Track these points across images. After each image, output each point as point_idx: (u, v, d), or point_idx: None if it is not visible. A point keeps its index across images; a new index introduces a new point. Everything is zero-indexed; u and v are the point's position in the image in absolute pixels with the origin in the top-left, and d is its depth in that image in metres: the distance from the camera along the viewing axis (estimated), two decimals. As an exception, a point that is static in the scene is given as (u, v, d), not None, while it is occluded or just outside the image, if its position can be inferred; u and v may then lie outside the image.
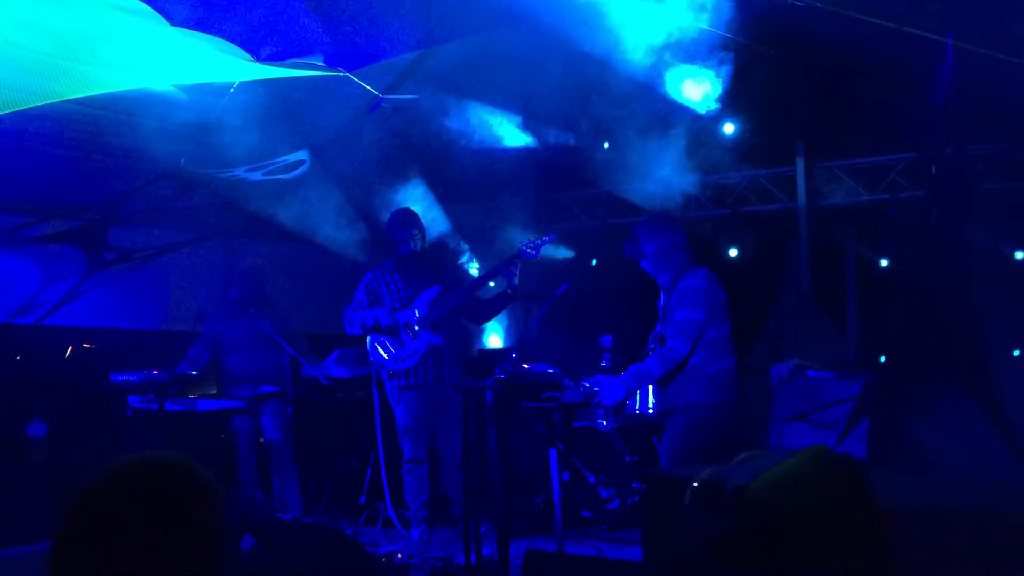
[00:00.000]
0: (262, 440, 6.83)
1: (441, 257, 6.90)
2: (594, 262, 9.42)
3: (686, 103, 6.63)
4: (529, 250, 6.12)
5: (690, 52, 6.24)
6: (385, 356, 6.24)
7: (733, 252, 8.92)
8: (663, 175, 7.51)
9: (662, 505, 3.54)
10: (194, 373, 6.60)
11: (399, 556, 5.88)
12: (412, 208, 6.71)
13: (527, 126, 7.78)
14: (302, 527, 5.99)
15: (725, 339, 4.91)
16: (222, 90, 6.11)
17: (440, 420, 6.29)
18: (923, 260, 6.48)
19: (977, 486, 3.76)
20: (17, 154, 6.50)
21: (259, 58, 5.48)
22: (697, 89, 6.53)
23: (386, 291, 6.31)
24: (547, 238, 6.24)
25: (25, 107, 5.54)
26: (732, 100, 6.58)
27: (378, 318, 6.22)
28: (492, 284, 6.41)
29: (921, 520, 2.93)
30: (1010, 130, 6.73)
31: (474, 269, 8.69)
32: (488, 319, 6.87)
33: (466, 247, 8.82)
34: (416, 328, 6.22)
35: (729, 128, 7.59)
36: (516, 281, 6.18)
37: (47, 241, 7.56)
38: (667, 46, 6.06)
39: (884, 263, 8.50)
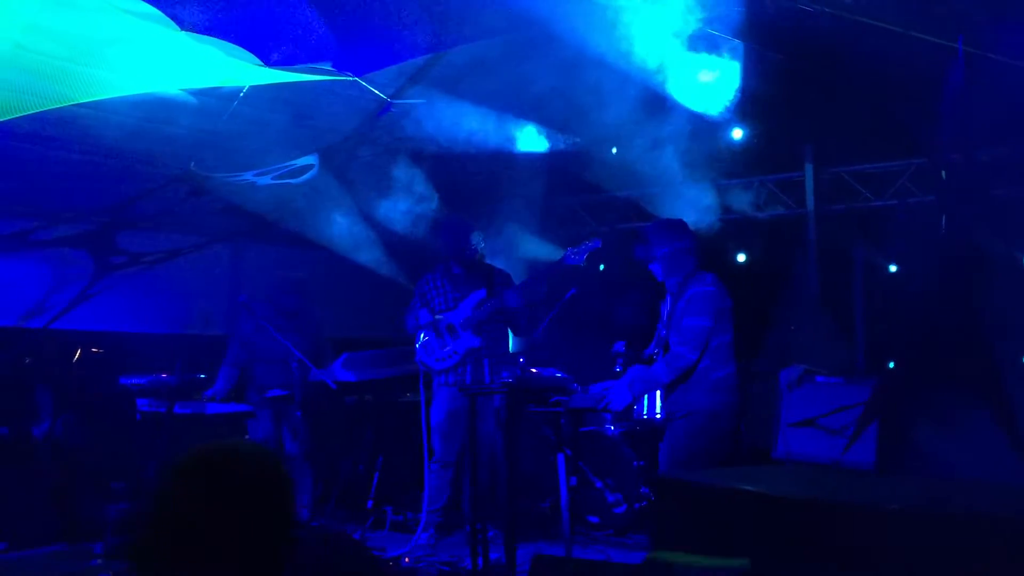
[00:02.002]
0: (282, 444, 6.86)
1: (492, 263, 6.86)
2: (602, 267, 9.41)
3: (695, 108, 6.63)
4: (573, 256, 6.03)
5: (699, 57, 6.24)
6: (427, 355, 6.34)
7: (741, 257, 8.91)
8: (671, 180, 7.51)
9: (670, 509, 3.53)
10: (202, 376, 6.62)
11: (406, 560, 5.89)
12: (458, 215, 6.77)
13: (535, 131, 7.77)
14: (309, 531, 5.99)
15: (728, 345, 4.90)
16: (231, 94, 6.13)
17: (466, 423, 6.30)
18: (932, 266, 6.45)
19: (985, 491, 3.74)
20: (27, 158, 6.54)
21: (268, 62, 5.50)
22: (705, 94, 6.53)
23: (434, 293, 6.46)
24: (593, 243, 6.03)
25: (35, 111, 5.57)
26: (740, 105, 6.57)
27: (419, 317, 6.34)
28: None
29: (929, 524, 2.92)
30: (1020, 135, 6.70)
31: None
32: (526, 332, 6.73)
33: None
34: (458, 330, 6.27)
35: (737, 133, 7.58)
36: (543, 294, 6.17)
37: (56, 245, 7.60)
38: (676, 51, 6.07)
39: (893, 268, 8.47)
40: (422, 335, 6.41)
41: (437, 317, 6.36)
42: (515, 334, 6.87)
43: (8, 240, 7.31)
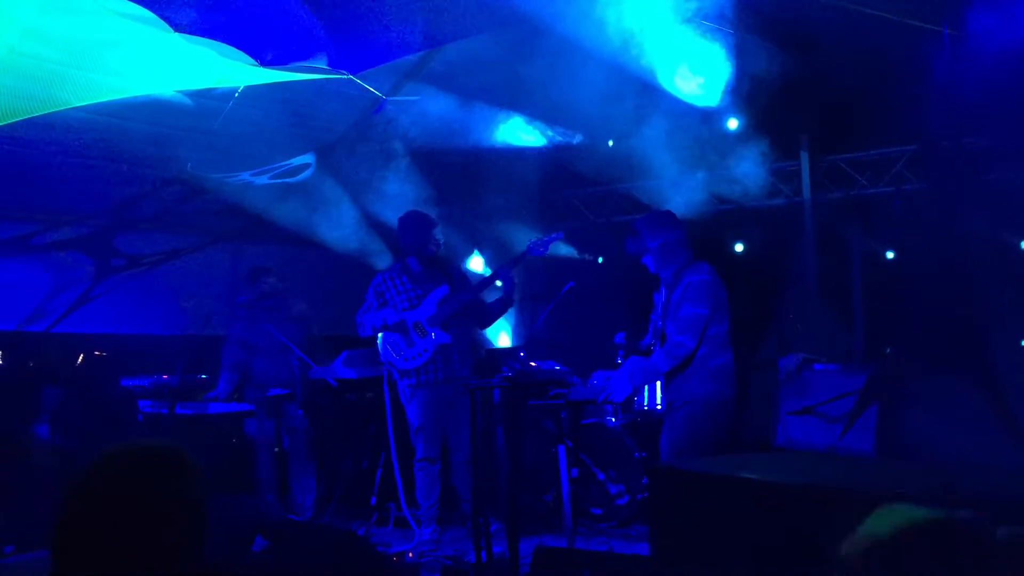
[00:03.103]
0: (281, 443, 6.88)
1: (449, 258, 6.90)
2: (600, 260, 9.44)
3: (690, 99, 6.65)
4: (537, 247, 6.16)
5: (693, 48, 6.26)
6: (395, 355, 6.28)
7: (739, 247, 8.92)
8: (668, 171, 7.53)
9: (667, 497, 3.55)
10: (203, 377, 6.64)
11: (410, 555, 5.91)
12: (418, 210, 6.74)
13: (531, 125, 7.80)
14: (314, 528, 6.02)
15: (725, 334, 4.93)
16: (227, 95, 6.15)
17: (451, 418, 6.32)
18: (928, 252, 6.47)
19: (985, 475, 3.77)
20: (25, 162, 6.56)
21: (263, 62, 5.52)
22: (701, 84, 6.55)
23: (394, 292, 6.35)
24: (555, 235, 6.26)
25: (32, 115, 5.60)
26: (736, 95, 6.59)
27: (385, 318, 6.27)
28: (499, 284, 6.42)
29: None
30: (1010, 120, 6.71)
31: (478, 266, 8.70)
32: (492, 322, 6.83)
33: (473, 247, 8.84)
34: (425, 327, 6.25)
35: (733, 123, 7.59)
36: (514, 284, 6.20)
37: (56, 248, 7.62)
38: (670, 42, 6.09)
39: (890, 255, 8.49)
40: (380, 335, 6.38)
41: (403, 316, 6.32)
42: (481, 327, 6.90)
43: (8, 244, 7.34)
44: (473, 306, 6.39)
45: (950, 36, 5.23)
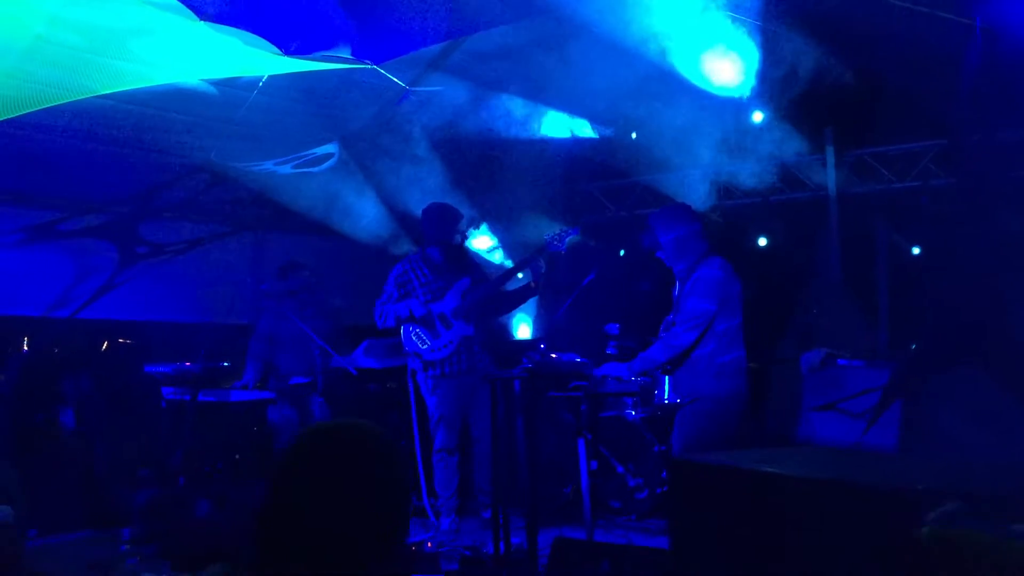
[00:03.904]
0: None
1: (468, 249, 6.93)
2: (622, 252, 9.41)
3: (715, 91, 6.60)
4: (554, 243, 6.19)
5: (719, 40, 6.21)
6: (421, 346, 6.32)
7: (763, 241, 8.87)
8: (691, 164, 7.48)
9: (688, 490, 3.54)
10: (226, 364, 6.68)
11: (429, 545, 5.92)
12: (444, 201, 6.76)
13: (554, 117, 7.77)
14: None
15: (736, 330, 4.89)
16: (251, 84, 6.16)
17: (472, 409, 6.35)
18: (955, 248, 6.40)
19: (1008, 472, 3.73)
20: (50, 149, 6.60)
21: (287, 52, 5.52)
22: (726, 77, 6.50)
23: (417, 283, 6.38)
24: (572, 230, 6.31)
25: (58, 103, 5.62)
26: (761, 88, 6.53)
27: (412, 309, 6.31)
28: (520, 276, 6.46)
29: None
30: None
31: (497, 257, 8.70)
32: (511, 311, 6.88)
33: (495, 238, 8.83)
34: (450, 318, 6.28)
35: (758, 116, 7.53)
36: (542, 273, 6.24)
37: (81, 235, 7.68)
38: (695, 34, 6.04)
39: (916, 251, 8.41)
40: (404, 326, 6.39)
41: (428, 308, 6.34)
42: (495, 316, 6.92)
43: (34, 231, 7.40)
44: (495, 297, 6.42)
45: (981, 28, 5.15)
